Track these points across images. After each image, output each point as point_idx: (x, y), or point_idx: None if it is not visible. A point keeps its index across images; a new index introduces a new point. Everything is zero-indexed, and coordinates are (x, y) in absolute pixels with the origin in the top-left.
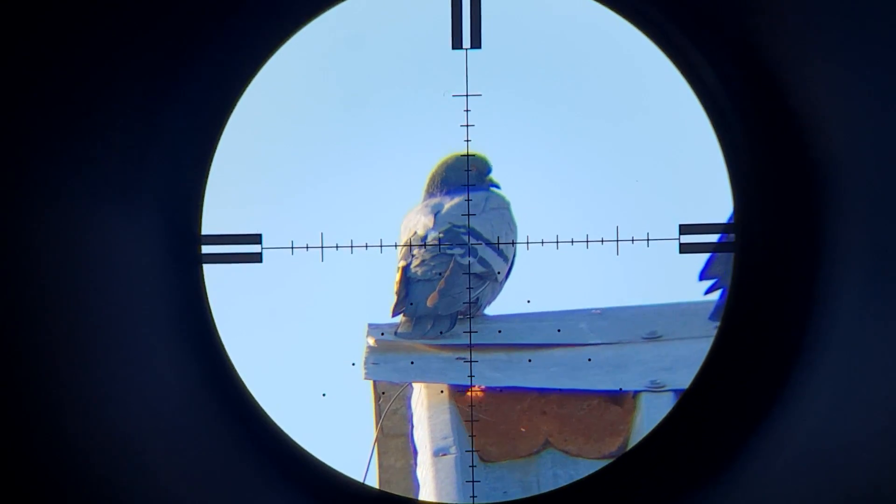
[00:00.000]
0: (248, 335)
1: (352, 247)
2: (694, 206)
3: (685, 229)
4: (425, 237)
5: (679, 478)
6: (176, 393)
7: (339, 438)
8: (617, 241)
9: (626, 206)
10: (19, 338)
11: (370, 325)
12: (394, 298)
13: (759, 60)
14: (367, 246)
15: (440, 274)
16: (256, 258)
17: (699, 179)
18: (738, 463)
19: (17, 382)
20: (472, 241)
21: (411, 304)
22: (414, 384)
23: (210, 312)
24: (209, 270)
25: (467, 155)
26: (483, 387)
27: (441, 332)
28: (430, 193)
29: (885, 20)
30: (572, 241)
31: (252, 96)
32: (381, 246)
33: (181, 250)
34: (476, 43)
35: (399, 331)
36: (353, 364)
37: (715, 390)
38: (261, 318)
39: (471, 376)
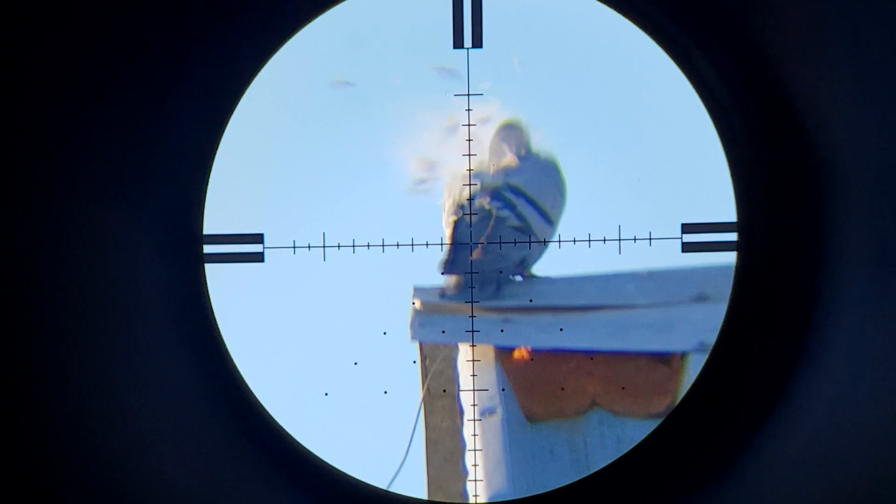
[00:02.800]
0: (250, 334)
1: (354, 246)
2: (696, 205)
3: (688, 228)
4: (474, 197)
5: (682, 476)
6: (178, 392)
7: (342, 438)
8: (619, 240)
9: (629, 206)
10: (21, 338)
11: (416, 287)
12: (444, 257)
13: (761, 59)
14: (368, 245)
15: (483, 233)
16: (258, 258)
17: (702, 178)
18: (741, 461)
19: (20, 383)
20: (514, 198)
21: (456, 264)
22: (460, 345)
23: (212, 312)
24: (211, 270)
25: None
26: (530, 348)
27: (486, 294)
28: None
29: (885, 19)
30: (574, 241)
31: (253, 96)
32: (382, 245)
33: (183, 250)
34: (477, 42)
35: (445, 293)
36: (356, 363)
37: (718, 389)
38: (262, 318)
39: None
